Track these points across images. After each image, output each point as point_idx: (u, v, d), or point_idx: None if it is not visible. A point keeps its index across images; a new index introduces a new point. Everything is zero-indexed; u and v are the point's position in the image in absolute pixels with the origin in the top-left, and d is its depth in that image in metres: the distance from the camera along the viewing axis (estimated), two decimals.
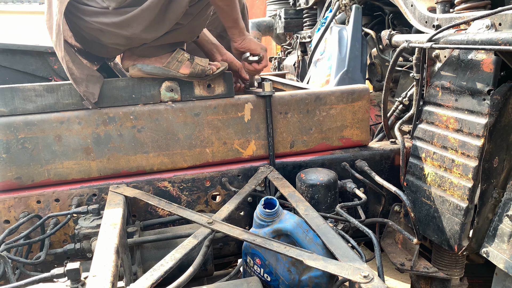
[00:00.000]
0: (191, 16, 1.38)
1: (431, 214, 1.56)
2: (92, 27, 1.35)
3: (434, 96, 1.55)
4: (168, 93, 1.54)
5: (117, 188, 1.44)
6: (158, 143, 1.54)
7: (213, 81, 1.57)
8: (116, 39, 1.37)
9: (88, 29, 1.38)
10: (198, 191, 1.60)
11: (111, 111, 1.49)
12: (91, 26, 1.35)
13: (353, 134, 1.74)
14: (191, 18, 1.38)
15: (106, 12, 1.31)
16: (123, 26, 1.31)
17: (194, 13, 1.37)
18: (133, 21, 1.30)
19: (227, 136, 1.61)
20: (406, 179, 1.69)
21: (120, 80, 1.50)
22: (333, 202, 1.50)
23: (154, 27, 1.32)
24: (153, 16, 1.29)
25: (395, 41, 1.69)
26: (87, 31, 1.40)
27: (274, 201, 1.12)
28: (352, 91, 1.69)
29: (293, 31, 3.18)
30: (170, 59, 1.47)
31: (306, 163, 1.68)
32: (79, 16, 1.36)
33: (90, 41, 1.46)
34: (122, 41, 1.37)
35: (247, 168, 1.64)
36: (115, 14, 1.30)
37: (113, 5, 1.30)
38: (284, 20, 3.12)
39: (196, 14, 1.39)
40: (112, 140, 1.51)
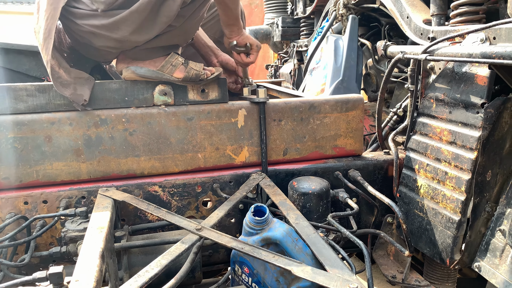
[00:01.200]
0: (183, 18, 1.37)
1: (424, 226, 1.55)
2: (84, 30, 1.34)
3: (428, 108, 1.55)
4: (161, 97, 1.52)
5: (106, 191, 1.42)
6: (149, 147, 1.53)
7: (207, 86, 1.56)
8: (107, 42, 1.35)
9: (81, 32, 1.37)
10: (188, 197, 1.58)
11: (103, 113, 1.47)
12: (82, 29, 1.34)
13: (346, 143, 1.73)
14: (183, 20, 1.37)
15: (96, 15, 1.30)
16: (113, 28, 1.30)
17: (187, 15, 1.37)
18: (122, 24, 1.29)
19: (220, 141, 1.59)
20: (399, 190, 1.68)
21: (113, 83, 1.48)
22: (325, 212, 1.49)
23: (144, 29, 1.31)
24: (142, 18, 1.28)
25: (390, 52, 1.70)
26: (80, 34, 1.39)
27: (264, 209, 1.10)
28: (346, 100, 1.69)
29: (290, 39, 3.19)
30: (164, 62, 1.46)
31: (299, 171, 1.67)
32: (71, 19, 1.35)
33: (83, 45, 1.45)
34: (113, 43, 1.36)
35: (239, 175, 1.62)
36: (105, 16, 1.29)
37: (101, 7, 1.29)
38: (282, 28, 3.14)
39: (189, 16, 1.38)
40: (103, 143, 1.49)
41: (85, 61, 1.72)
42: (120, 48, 1.39)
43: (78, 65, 1.51)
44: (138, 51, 1.42)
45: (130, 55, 1.45)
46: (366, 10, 2.19)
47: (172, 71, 1.47)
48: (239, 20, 1.54)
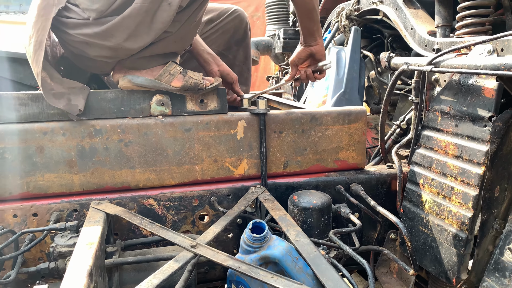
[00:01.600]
0: (180, 23, 1.33)
1: (429, 243, 1.49)
2: (77, 40, 1.30)
3: (434, 121, 1.50)
4: (158, 107, 1.48)
5: (98, 204, 1.37)
6: (145, 159, 1.48)
7: (206, 96, 1.52)
8: (101, 51, 1.31)
9: (74, 42, 1.33)
10: (185, 211, 1.53)
11: (98, 123, 1.43)
12: (75, 39, 1.30)
13: (349, 156, 1.68)
14: (179, 25, 1.33)
15: (88, 23, 1.26)
16: (106, 36, 1.26)
17: (183, 20, 1.32)
18: (115, 30, 1.25)
19: (218, 153, 1.54)
20: (403, 205, 1.63)
21: (109, 92, 1.44)
22: (327, 227, 1.43)
23: (139, 36, 1.27)
24: (136, 24, 1.24)
25: (394, 64, 1.66)
26: (73, 44, 1.35)
27: (263, 225, 1.05)
28: (349, 113, 1.64)
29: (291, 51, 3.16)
30: (162, 71, 1.42)
31: (300, 185, 1.62)
32: (63, 30, 1.31)
33: (78, 56, 1.41)
34: (107, 52, 1.32)
35: (237, 188, 1.57)
36: (97, 24, 1.25)
37: (93, 15, 1.25)
38: (283, 40, 3.11)
39: (185, 21, 1.33)
40: (97, 154, 1.44)
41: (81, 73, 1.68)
42: (115, 57, 1.35)
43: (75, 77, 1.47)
44: (134, 60, 1.38)
45: (126, 64, 1.41)
46: (368, 22, 2.16)
47: (170, 80, 1.43)
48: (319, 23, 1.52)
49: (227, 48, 1.91)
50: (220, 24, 1.84)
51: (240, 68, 1.91)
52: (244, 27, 1.90)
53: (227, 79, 1.66)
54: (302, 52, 1.58)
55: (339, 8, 2.27)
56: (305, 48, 1.57)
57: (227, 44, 1.90)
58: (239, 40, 1.92)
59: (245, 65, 1.96)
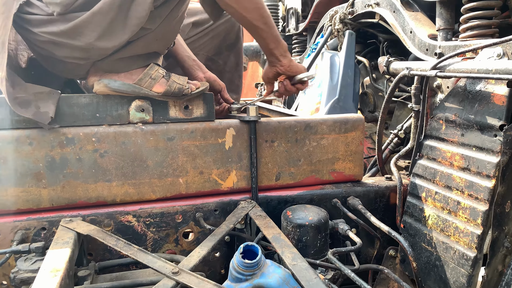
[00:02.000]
0: (160, 18, 1.19)
1: (432, 262, 1.37)
2: (43, 39, 1.14)
3: (437, 130, 1.40)
4: (138, 114, 1.34)
5: (69, 222, 1.22)
6: (123, 170, 1.33)
7: (192, 102, 1.39)
8: (71, 51, 1.16)
9: (40, 42, 1.17)
10: (167, 228, 1.38)
11: (70, 131, 1.28)
12: (41, 38, 1.15)
13: (345, 167, 1.56)
14: (160, 21, 1.19)
15: (53, 20, 1.11)
16: (74, 34, 1.11)
17: (163, 15, 1.19)
18: (84, 28, 1.10)
19: (205, 164, 1.41)
20: (404, 220, 1.51)
21: (83, 97, 1.30)
22: (323, 246, 1.30)
23: (113, 33, 1.12)
24: (108, 20, 1.09)
25: (393, 69, 1.56)
26: (39, 45, 1.19)
27: (256, 249, 0.92)
28: (345, 121, 1.53)
29: None
30: (142, 75, 1.28)
31: (293, 198, 1.49)
32: (27, 28, 1.16)
33: (47, 58, 1.26)
34: (78, 53, 1.17)
35: (225, 202, 1.43)
36: (63, 21, 1.10)
37: (57, 10, 1.09)
38: None
39: (166, 17, 1.19)
40: (69, 165, 1.29)
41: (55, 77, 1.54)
42: (88, 58, 1.20)
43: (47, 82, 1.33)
44: (111, 62, 1.24)
45: (102, 67, 1.27)
46: (363, 26, 2.07)
47: (151, 84, 1.30)
48: (280, 41, 1.36)
49: (217, 53, 1.77)
50: (210, 27, 1.70)
51: (231, 75, 1.78)
52: (237, 30, 1.78)
53: (214, 86, 1.53)
54: (269, 71, 1.45)
55: (332, 11, 2.18)
56: (270, 68, 1.43)
57: (217, 49, 1.76)
58: (231, 45, 1.79)
59: (236, 71, 1.83)
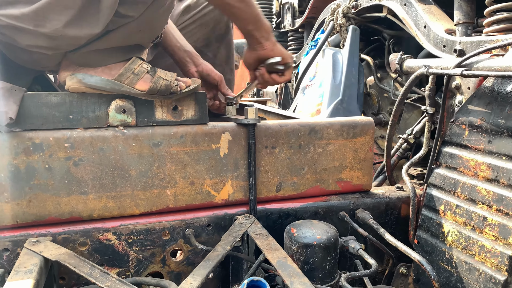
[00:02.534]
0: (144, 5, 1.00)
1: (453, 284, 1.22)
2: (2, 23, 0.95)
3: (459, 136, 1.24)
4: (119, 115, 1.16)
5: (35, 244, 1.03)
6: (101, 181, 1.15)
7: (181, 102, 1.21)
8: (35, 39, 0.97)
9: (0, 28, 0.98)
10: (152, 246, 1.20)
11: (38, 135, 1.09)
12: (0, 23, 0.95)
13: (353, 176, 1.40)
14: (143, 8, 1.00)
15: (13, 1, 0.91)
16: (39, 19, 0.91)
17: (148, 1, 1.00)
18: (50, 11, 0.90)
19: (196, 174, 1.23)
20: (418, 235, 1.36)
21: (53, 95, 1.11)
22: (333, 268, 1.14)
23: (83, 20, 0.93)
24: (78, 3, 0.91)
25: (407, 67, 1.40)
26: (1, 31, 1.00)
27: (264, 285, 0.74)
28: (354, 124, 1.37)
29: None
30: (123, 70, 1.10)
31: (296, 211, 1.33)
32: None
33: (9, 46, 1.06)
34: (44, 41, 0.97)
35: (220, 217, 1.26)
36: (26, 3, 0.90)
37: None
38: None
39: (151, 3, 1.00)
40: (37, 176, 1.10)
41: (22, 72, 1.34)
42: (56, 48, 1.01)
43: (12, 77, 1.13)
44: (86, 54, 1.05)
45: (76, 59, 1.08)
46: (368, 21, 1.91)
47: (133, 81, 1.11)
48: (262, 22, 1.19)
49: (207, 45, 1.60)
50: (198, 14, 1.53)
51: (222, 69, 1.61)
52: (226, 20, 1.60)
53: (208, 80, 1.36)
54: (248, 56, 1.28)
55: (334, 5, 2.01)
56: (251, 52, 1.27)
57: (206, 40, 1.59)
58: (221, 36, 1.62)
59: (227, 65, 1.66)
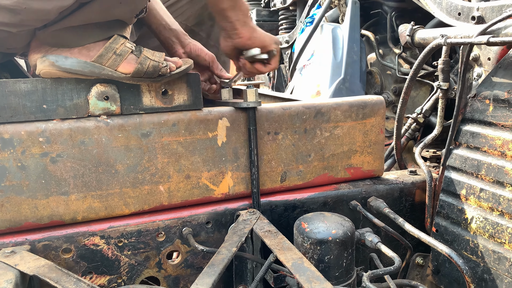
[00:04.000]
0: None
1: (479, 275, 1.12)
2: None
3: (481, 112, 1.13)
4: (100, 103, 1.01)
5: (10, 256, 0.88)
6: (84, 179, 1.00)
7: (171, 86, 1.06)
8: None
9: None
10: (146, 249, 1.07)
11: (7, 129, 0.94)
12: None
13: (363, 161, 1.28)
14: None
15: None
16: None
17: None
18: None
19: (192, 166, 1.09)
20: (436, 223, 1.25)
21: (22, 82, 0.95)
22: (350, 265, 1.02)
23: None
24: None
25: (420, 38, 1.27)
26: None
27: None
28: (363, 104, 1.25)
29: None
30: (103, 50, 0.95)
31: (303, 203, 1.21)
32: None
33: None
34: (5, 17, 0.81)
35: (220, 213, 1.13)
36: None
37: None
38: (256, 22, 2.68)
39: None
40: (8, 176, 0.95)
41: None
42: (22, 24, 0.85)
43: None
44: (58, 32, 0.90)
45: (47, 38, 0.92)
46: None
47: (116, 62, 0.96)
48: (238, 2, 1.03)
49: (199, 24, 1.44)
50: None
51: (216, 50, 1.45)
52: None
53: (198, 61, 1.21)
54: (224, 44, 1.13)
55: None
56: (226, 40, 1.11)
57: (198, 18, 1.43)
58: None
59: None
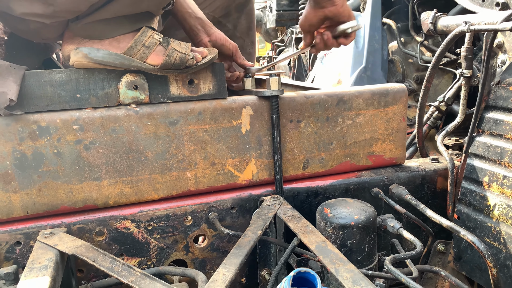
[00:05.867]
0: None
1: (501, 261, 1.13)
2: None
3: (505, 99, 1.12)
4: (130, 92, 1.05)
5: (49, 236, 0.94)
6: (115, 165, 1.05)
7: (197, 75, 1.10)
8: (31, 6, 0.84)
9: None
10: (174, 233, 1.12)
11: (44, 118, 0.99)
12: None
13: (385, 149, 1.29)
14: None
15: None
16: None
17: None
18: None
19: (217, 153, 1.13)
20: (458, 210, 1.26)
21: (57, 72, 1.00)
22: (372, 250, 1.05)
23: None
24: None
25: (443, 26, 1.27)
26: None
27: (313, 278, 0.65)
28: (385, 92, 1.25)
29: (287, 25, 2.74)
30: (132, 42, 0.98)
31: (325, 190, 1.23)
32: None
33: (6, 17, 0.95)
34: (39, 8, 0.85)
35: (244, 198, 1.17)
36: None
37: None
38: (276, 12, 2.68)
39: None
40: (46, 162, 1.01)
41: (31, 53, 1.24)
42: (53, 15, 0.89)
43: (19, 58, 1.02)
44: (89, 24, 0.94)
45: (79, 30, 0.97)
46: None
47: (145, 54, 1.00)
48: None
49: (226, 15, 1.46)
50: None
51: (242, 41, 1.48)
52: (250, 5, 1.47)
53: (223, 50, 1.24)
54: (312, 15, 1.13)
55: None
56: (315, 10, 1.12)
57: (225, 9, 1.45)
58: (241, 5, 1.48)
59: (248, 37, 1.53)
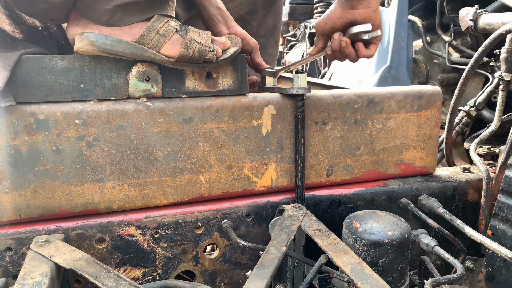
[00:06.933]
0: None
1: None
2: None
3: None
4: (141, 84, 0.93)
5: (44, 245, 0.83)
6: (121, 166, 0.94)
7: (216, 68, 0.98)
8: None
9: None
10: (183, 242, 1.01)
11: (42, 109, 0.87)
12: None
13: (415, 157, 1.18)
14: None
15: None
16: None
17: None
18: None
19: (234, 156, 1.02)
20: (493, 226, 1.15)
21: (59, 58, 0.88)
22: (404, 270, 0.94)
23: None
24: None
25: (485, 24, 1.16)
26: None
27: None
28: (419, 95, 1.14)
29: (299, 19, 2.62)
30: (145, 29, 0.87)
31: (349, 199, 1.12)
32: None
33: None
34: None
35: (261, 206, 1.06)
36: None
37: None
38: (289, 5, 2.55)
39: None
40: (43, 160, 0.89)
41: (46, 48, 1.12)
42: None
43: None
44: (99, 9, 0.82)
45: (86, 13, 0.85)
46: None
47: (159, 43, 0.88)
48: None
49: (251, 12, 1.34)
50: None
51: (265, 41, 1.36)
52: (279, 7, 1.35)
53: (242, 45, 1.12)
54: (337, 16, 0.96)
55: None
56: (343, 11, 0.95)
57: (251, 6, 1.33)
58: (268, 2, 1.35)
59: (272, 37, 1.40)
